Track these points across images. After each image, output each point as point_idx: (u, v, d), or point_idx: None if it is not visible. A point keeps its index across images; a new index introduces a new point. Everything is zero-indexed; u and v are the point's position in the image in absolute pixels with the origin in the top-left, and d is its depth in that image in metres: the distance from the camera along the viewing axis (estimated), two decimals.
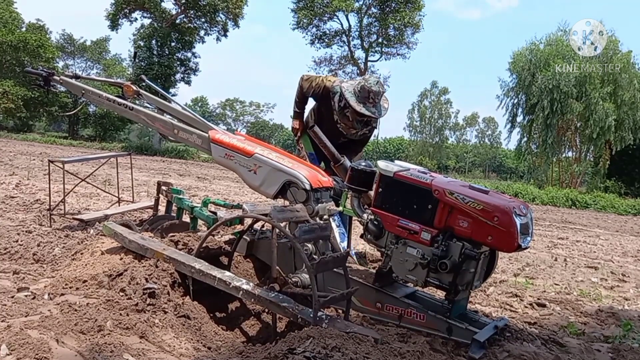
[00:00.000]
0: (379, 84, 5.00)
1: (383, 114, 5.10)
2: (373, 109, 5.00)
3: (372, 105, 4.99)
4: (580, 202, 24.31)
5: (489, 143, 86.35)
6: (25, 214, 7.27)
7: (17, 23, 48.89)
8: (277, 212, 3.62)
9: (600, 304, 5.69)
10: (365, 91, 4.96)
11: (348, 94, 5.04)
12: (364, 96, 4.98)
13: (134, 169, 9.73)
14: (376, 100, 4.99)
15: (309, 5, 40.08)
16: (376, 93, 4.95)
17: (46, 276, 4.42)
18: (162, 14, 41.98)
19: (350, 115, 5.09)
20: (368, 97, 4.96)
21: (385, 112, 5.13)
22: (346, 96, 5.04)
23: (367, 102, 4.98)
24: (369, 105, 4.98)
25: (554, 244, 10.39)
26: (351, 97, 5.02)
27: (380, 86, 4.99)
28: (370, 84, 4.96)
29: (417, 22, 40.59)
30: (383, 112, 5.10)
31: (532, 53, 31.17)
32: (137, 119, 5.33)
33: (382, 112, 5.08)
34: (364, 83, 4.98)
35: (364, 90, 4.96)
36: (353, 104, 5.00)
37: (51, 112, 48.82)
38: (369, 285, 3.90)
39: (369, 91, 4.94)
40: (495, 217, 3.31)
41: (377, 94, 4.96)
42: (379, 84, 4.99)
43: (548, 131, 30.24)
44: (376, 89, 4.94)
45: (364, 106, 4.98)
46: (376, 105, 5.02)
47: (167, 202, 5.65)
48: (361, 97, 4.99)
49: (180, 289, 3.75)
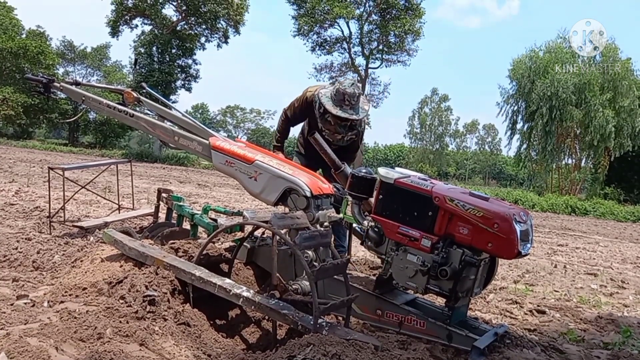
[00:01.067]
0: (354, 85, 5.00)
1: (362, 115, 5.08)
2: (350, 111, 4.99)
3: (350, 107, 4.98)
4: (580, 209, 24.33)
5: (489, 150, 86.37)
6: (25, 221, 7.27)
7: (18, 30, 49.01)
8: (278, 219, 3.62)
9: (599, 310, 5.69)
10: (340, 94, 4.97)
11: (325, 99, 5.05)
12: (339, 99, 4.98)
13: (134, 176, 9.74)
14: (352, 102, 4.98)
15: (309, 13, 40.15)
16: (351, 95, 4.94)
17: (46, 284, 4.41)
18: (163, 20, 42.07)
19: (332, 120, 5.10)
20: (344, 100, 4.96)
21: (364, 112, 5.11)
22: (322, 101, 5.05)
23: (344, 104, 4.98)
24: (345, 107, 4.98)
25: (554, 250, 10.39)
26: (327, 101, 5.03)
27: (356, 88, 4.99)
28: (344, 86, 4.97)
29: (418, 30, 40.67)
30: (362, 113, 5.08)
31: (532, 60, 31.25)
32: (138, 125, 5.32)
33: (360, 113, 5.06)
34: (339, 86, 4.99)
35: (339, 93, 4.97)
36: (330, 108, 5.00)
37: (51, 119, 48.90)
38: (369, 292, 3.90)
39: (344, 93, 4.94)
40: (496, 224, 3.31)
41: (352, 95, 4.95)
42: (353, 85, 4.99)
43: (547, 138, 30.29)
44: (351, 91, 4.94)
45: (341, 109, 4.98)
46: (354, 107, 5.01)
47: (167, 209, 5.65)
48: (337, 100, 4.99)
49: (181, 297, 3.75)
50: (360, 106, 5.09)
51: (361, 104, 5.10)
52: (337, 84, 5.08)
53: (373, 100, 44.28)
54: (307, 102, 5.34)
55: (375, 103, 44.70)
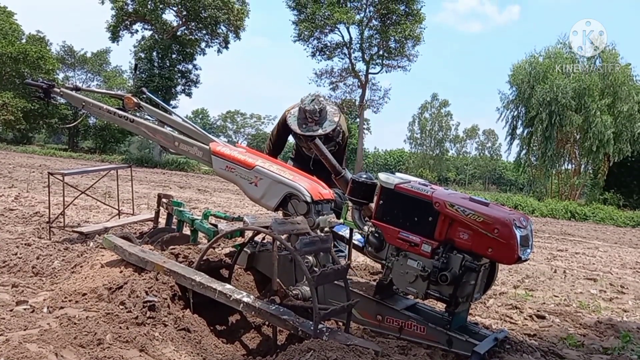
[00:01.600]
0: (314, 102, 5.07)
1: (329, 129, 5.11)
2: (315, 127, 5.07)
3: (314, 123, 5.07)
4: (580, 214, 24.33)
5: (489, 155, 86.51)
6: (25, 226, 7.27)
7: (18, 35, 49.16)
8: (278, 225, 3.62)
9: (599, 315, 5.69)
10: (302, 112, 5.09)
11: (291, 120, 5.20)
12: (302, 117, 5.11)
13: (134, 181, 9.74)
14: (315, 117, 5.05)
15: (310, 18, 40.17)
16: (312, 112, 5.03)
17: (45, 289, 4.41)
18: (163, 26, 42.12)
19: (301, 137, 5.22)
20: (306, 118, 5.07)
21: (332, 125, 5.15)
22: (289, 122, 5.20)
23: (307, 122, 5.08)
24: (310, 125, 5.08)
25: (554, 256, 10.38)
26: (293, 122, 5.17)
27: (316, 103, 5.05)
28: (304, 104, 5.07)
29: (418, 35, 40.67)
30: (329, 126, 5.12)
31: (532, 66, 31.24)
32: (138, 131, 5.33)
33: (327, 127, 5.11)
34: (300, 105, 5.11)
35: (301, 111, 5.10)
36: (294, 127, 5.15)
37: (51, 124, 48.99)
38: (370, 298, 3.90)
39: (305, 111, 5.05)
40: (496, 229, 3.31)
41: (312, 112, 5.03)
42: (314, 102, 5.06)
43: (547, 143, 30.29)
44: (310, 108, 5.03)
45: (305, 127, 5.09)
46: (319, 122, 5.09)
47: (167, 214, 5.65)
48: (300, 119, 5.12)
49: (181, 302, 3.75)
50: (329, 119, 5.15)
51: (329, 117, 5.16)
52: (299, 102, 5.17)
53: (373, 106, 44.35)
54: (284, 122, 5.42)
55: (375, 108, 44.77)
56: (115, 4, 40.45)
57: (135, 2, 40.50)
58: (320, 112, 5.06)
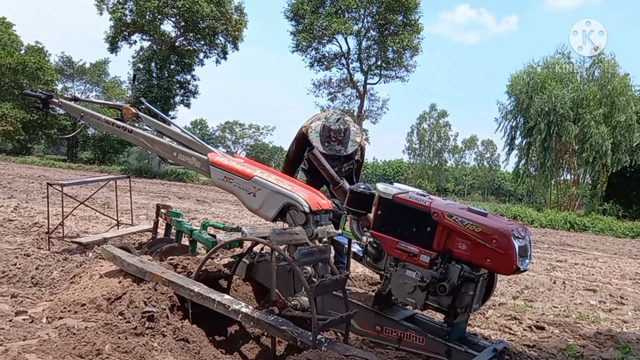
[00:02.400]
0: (340, 121, 5.07)
1: (350, 150, 5.13)
2: (338, 147, 5.08)
3: (337, 142, 5.07)
4: (579, 225, 24.32)
5: (487, 166, 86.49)
6: (24, 237, 7.27)
7: (16, 45, 49.21)
8: (277, 235, 3.62)
9: (598, 326, 5.68)
10: (326, 131, 5.08)
11: (313, 136, 5.18)
12: (326, 135, 5.09)
13: (133, 191, 9.73)
14: (339, 137, 5.06)
15: (308, 28, 40.28)
16: (337, 131, 5.04)
17: (44, 300, 4.41)
18: (162, 36, 42.17)
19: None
20: (330, 137, 5.07)
21: (355, 146, 5.16)
22: (311, 139, 5.18)
23: (331, 141, 5.08)
24: (333, 144, 5.08)
25: (553, 266, 10.38)
26: (316, 138, 5.15)
27: (342, 123, 5.05)
28: (330, 123, 5.06)
29: (416, 45, 40.81)
30: (351, 147, 5.13)
31: (530, 76, 31.31)
32: (136, 141, 5.33)
33: (349, 148, 5.12)
34: (325, 122, 5.09)
35: (326, 129, 5.08)
36: (318, 145, 5.11)
37: (50, 135, 49.04)
38: (368, 308, 3.90)
39: (330, 130, 5.05)
40: (494, 240, 3.31)
41: (338, 132, 5.04)
42: (339, 121, 5.06)
43: (546, 154, 30.32)
44: (336, 128, 5.03)
45: (328, 145, 5.08)
46: (342, 142, 5.09)
47: (166, 225, 5.65)
48: (324, 137, 5.11)
49: (180, 312, 3.75)
50: (351, 139, 5.16)
51: (352, 137, 5.16)
52: (323, 119, 5.15)
53: (372, 116, 44.40)
54: (304, 137, 5.39)
55: (374, 119, 44.82)
56: (114, 14, 40.57)
57: (134, 13, 40.56)
58: (345, 132, 5.07)
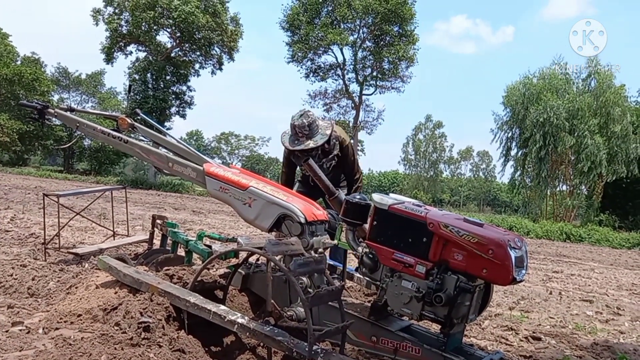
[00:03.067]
0: (303, 115, 5.07)
1: (320, 141, 5.09)
2: (307, 141, 5.07)
3: (305, 137, 5.06)
4: (575, 236, 24.33)
5: (483, 177, 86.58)
6: (20, 247, 7.26)
7: (13, 56, 49.15)
8: (272, 246, 3.62)
9: (595, 337, 5.69)
10: (292, 128, 5.10)
11: (284, 138, 5.22)
12: (293, 134, 5.12)
13: (129, 202, 9.73)
14: (305, 131, 5.04)
15: (303, 39, 40.36)
16: (301, 126, 5.03)
17: (41, 310, 4.40)
18: (157, 47, 42.24)
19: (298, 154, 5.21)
20: (296, 133, 5.08)
21: (324, 137, 5.13)
22: (282, 141, 5.23)
23: (298, 137, 5.09)
24: (301, 139, 5.08)
25: (549, 277, 10.39)
26: (286, 140, 5.19)
27: (305, 117, 5.05)
28: (293, 120, 5.08)
29: (412, 56, 40.89)
30: (321, 139, 5.10)
31: (526, 87, 31.35)
32: (132, 152, 5.34)
33: (319, 140, 5.09)
34: (291, 121, 5.11)
35: (291, 127, 5.11)
36: (287, 144, 5.17)
37: (46, 146, 49.00)
38: (364, 319, 3.90)
39: (294, 127, 5.06)
40: (490, 250, 3.32)
41: (302, 126, 5.03)
42: (302, 116, 5.06)
43: (541, 165, 30.34)
44: (299, 122, 5.03)
45: (296, 142, 5.10)
46: (309, 135, 5.07)
47: (162, 235, 5.64)
48: (292, 135, 5.14)
49: (175, 323, 3.74)
50: (320, 132, 5.14)
51: (321, 130, 5.16)
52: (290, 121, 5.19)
53: (367, 127, 44.47)
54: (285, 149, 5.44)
55: (370, 130, 44.91)
56: (110, 25, 40.64)
57: (130, 24, 40.68)
58: (310, 125, 5.05)
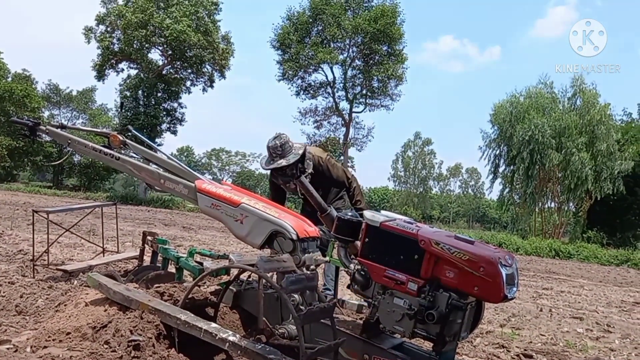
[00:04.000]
0: (277, 138, 5.25)
1: (292, 159, 5.23)
2: (281, 160, 5.22)
3: (280, 157, 5.23)
4: (564, 253, 24.39)
5: (472, 193, 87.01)
6: (8, 264, 7.20)
7: (3, 73, 49.02)
8: (264, 263, 3.61)
9: (586, 354, 5.69)
10: (267, 150, 5.28)
11: (261, 161, 5.47)
12: (269, 155, 5.29)
13: (119, 218, 9.68)
14: (278, 151, 5.21)
15: (294, 58, 40.52)
16: (273, 147, 5.20)
17: (29, 328, 4.36)
18: (149, 64, 42.31)
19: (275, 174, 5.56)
20: (271, 154, 5.25)
21: (297, 156, 5.28)
22: (260, 164, 5.49)
23: (273, 158, 5.25)
24: (276, 159, 5.24)
25: (539, 294, 10.40)
26: (263, 162, 5.43)
27: (278, 139, 5.22)
28: (268, 142, 5.26)
29: (401, 75, 41.14)
30: (292, 158, 5.25)
31: (513, 105, 31.62)
32: (124, 168, 5.34)
33: (291, 159, 5.25)
34: (266, 144, 5.29)
35: (267, 150, 5.29)
36: (264, 166, 5.41)
37: (36, 162, 48.83)
38: (356, 337, 3.88)
39: (269, 148, 5.24)
40: (481, 268, 3.32)
41: (274, 147, 5.20)
42: (276, 138, 5.24)
43: (529, 182, 30.54)
44: (272, 144, 5.21)
45: (271, 162, 5.27)
46: (283, 155, 5.24)
47: (152, 252, 5.62)
48: (268, 157, 5.32)
49: (166, 341, 3.71)
50: (294, 152, 5.32)
51: (294, 150, 5.34)
52: None
53: (357, 144, 44.56)
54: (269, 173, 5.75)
55: (359, 147, 44.98)
56: (101, 43, 40.74)
57: (121, 41, 40.79)
58: (282, 146, 5.21)
